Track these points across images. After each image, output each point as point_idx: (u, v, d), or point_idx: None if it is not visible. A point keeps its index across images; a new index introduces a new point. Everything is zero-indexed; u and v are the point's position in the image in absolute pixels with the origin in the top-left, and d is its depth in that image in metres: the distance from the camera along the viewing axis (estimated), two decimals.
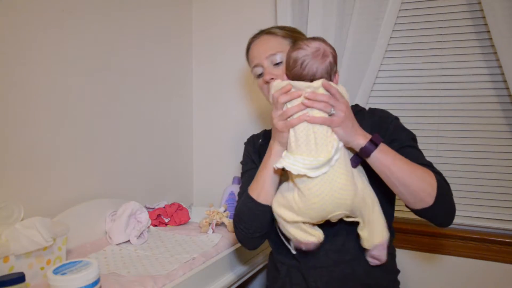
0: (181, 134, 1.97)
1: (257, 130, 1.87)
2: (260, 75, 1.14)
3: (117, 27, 1.58)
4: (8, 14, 1.20)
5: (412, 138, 1.06)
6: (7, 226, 1.07)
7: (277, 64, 1.09)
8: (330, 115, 0.90)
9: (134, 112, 1.68)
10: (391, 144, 0.99)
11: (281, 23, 1.64)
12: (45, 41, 1.31)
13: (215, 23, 1.95)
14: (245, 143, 1.31)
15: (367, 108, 1.15)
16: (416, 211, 0.95)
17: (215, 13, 1.94)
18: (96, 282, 0.87)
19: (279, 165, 0.90)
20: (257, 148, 1.24)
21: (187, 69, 1.99)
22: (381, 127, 1.05)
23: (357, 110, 1.10)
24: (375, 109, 1.13)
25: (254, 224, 1.05)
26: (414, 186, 0.90)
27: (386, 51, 1.55)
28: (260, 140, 1.25)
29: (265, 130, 1.33)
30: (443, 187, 0.94)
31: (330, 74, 0.96)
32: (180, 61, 1.94)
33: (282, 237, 1.05)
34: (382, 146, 0.92)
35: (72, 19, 1.39)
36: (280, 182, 1.01)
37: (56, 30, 1.34)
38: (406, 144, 1.02)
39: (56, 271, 0.85)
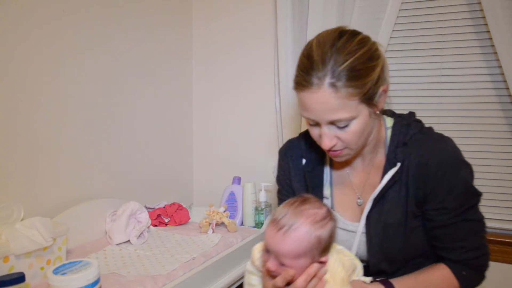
0: (181, 134, 1.97)
1: (257, 130, 1.88)
2: (313, 125, 0.91)
3: (116, 27, 1.58)
4: (8, 14, 1.20)
5: (470, 204, 0.90)
6: (7, 226, 1.07)
7: (341, 127, 0.86)
8: None
9: (134, 112, 1.68)
10: (440, 213, 0.89)
11: (281, 23, 1.64)
12: (45, 41, 1.31)
13: (215, 23, 1.95)
14: (280, 157, 1.11)
15: (428, 128, 0.96)
16: None
17: (215, 13, 1.94)
18: (96, 282, 0.87)
19: None
20: (301, 170, 1.05)
21: (187, 69, 1.99)
22: (431, 180, 0.88)
23: (409, 136, 0.92)
24: (439, 145, 0.90)
25: None
26: None
27: (386, 51, 1.55)
28: (304, 162, 1.04)
29: (306, 137, 1.05)
30: (468, 283, 0.91)
31: None
32: (180, 61, 1.94)
33: None
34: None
35: (72, 19, 1.39)
36: None
37: (56, 30, 1.34)
38: (454, 221, 0.89)
39: (56, 271, 0.85)
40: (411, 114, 1.00)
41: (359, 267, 0.89)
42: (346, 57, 0.81)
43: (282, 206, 0.81)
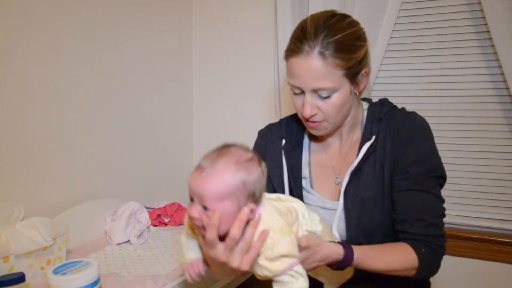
0: (181, 134, 1.97)
1: (257, 130, 1.88)
2: (298, 93, 0.96)
3: (117, 27, 1.58)
4: (8, 14, 1.20)
5: (432, 175, 0.93)
6: (7, 226, 1.07)
7: (323, 98, 0.92)
8: None
9: (134, 112, 1.68)
10: (402, 178, 0.92)
11: (281, 23, 1.64)
12: (45, 41, 1.31)
13: (215, 23, 1.95)
14: (258, 137, 1.15)
15: (400, 108, 1.02)
16: None
17: (215, 13, 1.94)
18: (96, 282, 0.87)
19: None
20: (279, 150, 1.07)
21: (187, 68, 1.99)
22: (400, 147, 0.94)
23: (384, 113, 0.99)
24: (409, 116, 0.97)
25: None
26: (393, 272, 0.90)
27: (386, 51, 1.55)
28: (284, 142, 1.08)
29: (287, 121, 1.12)
30: (426, 263, 0.91)
31: None
32: (180, 60, 1.94)
33: None
34: (357, 254, 0.86)
35: (72, 19, 1.39)
36: None
37: (56, 30, 1.34)
38: (414, 188, 0.92)
39: (56, 271, 0.85)
40: (385, 98, 1.07)
41: (302, 208, 0.85)
42: (336, 32, 0.89)
43: (205, 153, 0.79)
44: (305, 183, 1.04)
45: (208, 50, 1.97)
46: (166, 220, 1.63)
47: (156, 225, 1.61)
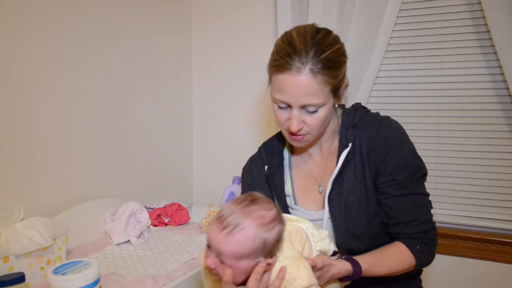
0: (181, 134, 1.97)
1: (257, 129, 1.88)
2: (283, 107, 0.95)
3: (117, 27, 1.58)
4: (8, 14, 1.20)
5: (416, 177, 0.95)
6: (7, 226, 1.07)
7: (310, 112, 0.92)
8: None
9: (135, 112, 1.68)
10: (390, 185, 0.94)
11: (281, 23, 1.64)
12: (45, 41, 1.31)
13: (215, 23, 1.95)
14: (244, 172, 1.15)
15: (374, 112, 1.04)
16: None
17: (215, 13, 1.94)
18: (96, 282, 0.87)
19: None
20: (264, 176, 1.08)
21: (187, 69, 1.99)
22: (379, 154, 0.95)
23: (357, 118, 1.00)
24: (383, 122, 0.98)
25: None
26: (394, 274, 0.96)
27: (386, 51, 1.55)
28: (267, 168, 1.08)
29: (265, 147, 1.12)
30: (422, 258, 0.97)
31: None
32: (180, 61, 1.94)
33: None
34: (363, 267, 0.91)
35: (72, 18, 1.39)
36: None
37: (56, 30, 1.34)
38: (404, 193, 0.94)
39: (56, 271, 0.85)
40: (357, 103, 1.08)
41: (311, 228, 0.89)
42: (325, 49, 0.90)
43: (229, 204, 0.78)
44: (288, 200, 1.04)
45: (208, 51, 1.97)
46: (166, 220, 1.63)
47: (156, 225, 1.61)
